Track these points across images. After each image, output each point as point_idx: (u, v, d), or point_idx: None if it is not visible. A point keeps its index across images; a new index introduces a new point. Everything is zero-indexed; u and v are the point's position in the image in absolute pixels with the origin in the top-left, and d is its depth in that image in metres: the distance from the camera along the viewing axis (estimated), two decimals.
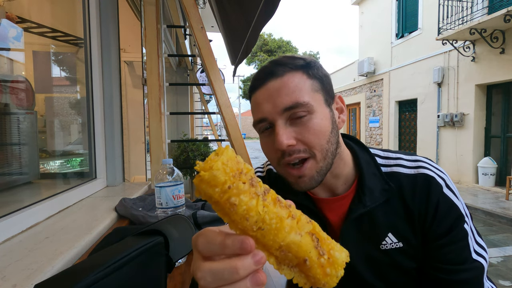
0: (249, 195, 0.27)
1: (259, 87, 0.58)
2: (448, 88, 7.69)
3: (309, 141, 0.55)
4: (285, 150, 0.55)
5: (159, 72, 1.88)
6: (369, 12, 11.18)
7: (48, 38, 1.55)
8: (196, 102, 7.58)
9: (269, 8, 1.33)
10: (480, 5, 6.58)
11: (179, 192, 0.86)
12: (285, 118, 0.55)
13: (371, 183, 0.61)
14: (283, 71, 0.56)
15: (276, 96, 0.55)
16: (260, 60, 22.31)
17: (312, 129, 0.55)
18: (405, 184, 0.60)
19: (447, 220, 0.57)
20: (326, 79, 0.60)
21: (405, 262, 0.60)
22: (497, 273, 3.16)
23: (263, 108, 0.57)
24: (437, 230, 0.58)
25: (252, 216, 0.27)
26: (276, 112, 0.55)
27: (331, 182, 0.63)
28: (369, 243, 0.61)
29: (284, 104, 0.54)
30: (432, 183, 0.59)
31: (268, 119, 0.56)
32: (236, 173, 0.27)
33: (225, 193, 0.26)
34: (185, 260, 0.86)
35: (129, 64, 3.92)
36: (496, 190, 6.40)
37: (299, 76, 0.56)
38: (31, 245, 0.82)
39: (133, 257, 0.47)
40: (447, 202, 0.58)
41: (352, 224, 0.61)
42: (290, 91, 0.55)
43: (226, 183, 0.26)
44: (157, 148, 1.87)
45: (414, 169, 0.61)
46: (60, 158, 1.71)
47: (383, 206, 0.60)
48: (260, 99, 0.57)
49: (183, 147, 3.53)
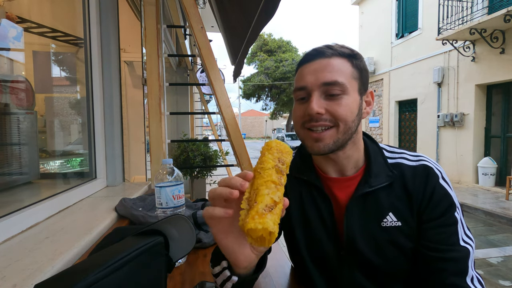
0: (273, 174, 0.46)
1: (308, 61, 0.66)
2: (448, 88, 7.69)
3: (338, 113, 0.63)
4: (313, 116, 0.63)
5: (159, 72, 1.88)
6: (369, 12, 11.18)
7: (48, 38, 1.55)
8: (196, 102, 7.58)
9: (269, 8, 1.33)
10: (480, 5, 6.58)
11: (179, 192, 0.86)
12: (322, 91, 0.64)
13: (377, 169, 0.69)
14: (332, 53, 0.65)
15: (320, 71, 0.64)
16: (260, 60, 22.28)
17: (343, 105, 0.63)
18: (407, 172, 0.68)
19: (440, 205, 0.65)
20: (365, 72, 0.68)
21: (401, 240, 0.66)
22: (497, 273, 3.16)
23: (306, 79, 0.65)
24: (431, 213, 0.65)
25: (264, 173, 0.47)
26: (316, 85, 0.63)
27: (343, 162, 0.71)
28: (371, 220, 0.68)
29: (325, 79, 0.63)
30: (430, 172, 0.67)
31: (307, 88, 0.65)
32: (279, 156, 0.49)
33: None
34: (185, 260, 0.86)
35: (129, 64, 3.92)
36: (496, 190, 6.40)
37: (344, 61, 0.65)
38: (31, 245, 0.82)
39: (133, 257, 0.47)
40: (441, 190, 0.66)
41: (357, 201, 0.68)
42: (333, 71, 0.63)
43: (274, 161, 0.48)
44: (157, 148, 1.87)
45: (416, 162, 0.70)
46: (60, 158, 1.71)
47: (386, 189, 0.68)
48: (306, 71, 0.66)
49: (183, 147, 3.53)
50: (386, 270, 0.68)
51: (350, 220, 0.68)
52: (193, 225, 0.61)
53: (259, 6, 1.36)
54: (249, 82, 23.36)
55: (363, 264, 0.68)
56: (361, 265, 0.69)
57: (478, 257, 3.53)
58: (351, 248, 0.68)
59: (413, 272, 0.68)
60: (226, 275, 0.55)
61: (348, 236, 0.68)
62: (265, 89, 23.27)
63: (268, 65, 21.58)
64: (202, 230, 1.01)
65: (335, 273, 0.71)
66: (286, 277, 0.80)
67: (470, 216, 5.25)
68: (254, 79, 22.78)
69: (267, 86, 22.75)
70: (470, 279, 0.61)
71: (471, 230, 4.49)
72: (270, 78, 21.87)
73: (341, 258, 0.69)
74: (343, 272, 0.70)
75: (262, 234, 0.41)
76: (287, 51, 22.65)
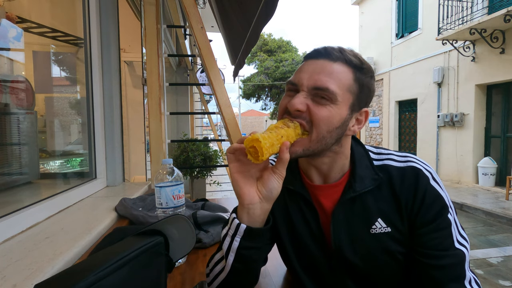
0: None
1: (312, 58, 0.64)
2: (448, 88, 7.68)
3: (316, 117, 0.60)
4: (292, 112, 0.61)
5: (159, 72, 1.88)
6: (369, 12, 11.18)
7: (48, 38, 1.55)
8: (196, 102, 7.58)
9: (269, 8, 1.33)
10: (480, 5, 6.57)
11: (179, 192, 0.86)
12: (310, 92, 0.61)
13: (362, 173, 0.66)
14: (338, 58, 0.62)
15: (316, 73, 0.61)
16: (260, 60, 22.26)
17: (324, 111, 0.60)
18: (394, 174, 0.65)
19: (432, 209, 0.62)
20: (367, 90, 0.65)
21: (392, 246, 0.64)
22: (497, 273, 3.16)
23: (301, 75, 0.63)
24: (423, 217, 0.62)
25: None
26: (306, 85, 0.61)
27: (325, 169, 0.68)
28: (360, 226, 0.65)
29: (316, 84, 0.60)
30: (419, 174, 0.64)
31: (297, 85, 0.62)
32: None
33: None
34: (185, 260, 0.86)
35: (129, 64, 3.92)
36: (496, 190, 6.40)
37: (347, 71, 0.61)
38: (31, 245, 0.82)
39: (133, 257, 0.47)
40: (433, 193, 0.62)
41: (343, 208, 0.66)
42: (330, 77, 0.60)
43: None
44: (157, 148, 1.87)
45: (404, 163, 0.66)
46: (60, 158, 1.71)
47: (373, 193, 0.65)
48: (305, 68, 0.64)
49: (183, 147, 3.53)
50: (378, 277, 0.66)
51: (337, 228, 0.66)
52: (193, 225, 0.61)
53: (259, 6, 1.36)
54: (249, 82, 23.35)
55: (354, 272, 0.67)
56: (352, 273, 0.67)
57: (478, 257, 3.53)
58: (340, 257, 0.66)
59: (405, 277, 0.67)
60: (235, 223, 0.60)
61: (336, 244, 0.66)
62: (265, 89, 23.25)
63: (268, 65, 21.57)
64: (202, 230, 1.01)
65: (327, 282, 0.70)
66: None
67: (470, 216, 5.25)
68: (254, 79, 22.77)
69: (267, 86, 22.75)
70: (468, 282, 0.60)
71: (471, 230, 4.47)
72: (270, 78, 21.86)
73: (332, 266, 0.68)
74: (335, 281, 0.69)
75: (254, 144, 0.52)
76: (287, 51, 22.63)
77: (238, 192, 0.60)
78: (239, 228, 0.59)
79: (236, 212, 0.62)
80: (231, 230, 0.61)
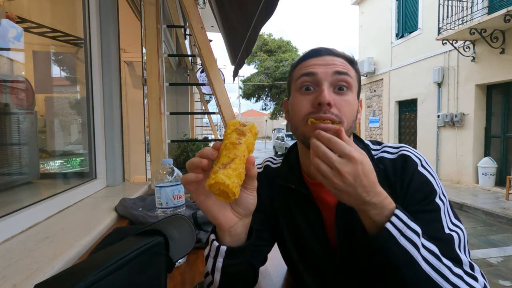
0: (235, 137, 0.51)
1: (316, 56, 0.64)
2: (448, 88, 7.68)
3: (344, 110, 0.61)
4: (324, 106, 0.59)
5: (159, 72, 1.88)
6: (369, 12, 11.18)
7: (48, 38, 1.55)
8: (196, 102, 7.58)
9: (269, 8, 1.33)
10: (480, 5, 6.58)
11: (179, 192, 0.86)
12: (331, 83, 0.61)
13: None
14: (338, 54, 0.65)
15: (331, 63, 0.62)
16: (260, 60, 22.29)
17: (349, 102, 0.62)
18: (388, 165, 0.67)
19: (420, 192, 0.62)
20: (360, 84, 0.69)
21: None
22: (497, 273, 3.16)
23: (316, 68, 0.62)
24: (410, 200, 0.63)
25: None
26: (328, 74, 0.61)
27: None
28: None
29: (337, 68, 0.61)
30: (408, 160, 0.65)
31: (316, 76, 0.62)
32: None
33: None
34: (185, 260, 0.86)
35: (129, 64, 3.92)
36: (496, 190, 6.40)
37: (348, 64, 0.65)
38: (31, 245, 0.82)
39: (133, 257, 0.47)
40: (420, 178, 0.63)
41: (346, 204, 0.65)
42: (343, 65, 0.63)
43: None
44: (157, 148, 1.87)
45: (395, 154, 0.68)
46: (60, 158, 1.71)
47: None
48: (313, 63, 0.63)
49: (183, 147, 3.53)
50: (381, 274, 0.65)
51: (341, 225, 0.66)
52: (193, 225, 0.61)
53: (259, 6, 1.36)
54: (249, 82, 23.36)
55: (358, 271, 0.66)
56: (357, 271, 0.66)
57: (478, 257, 3.53)
58: (344, 255, 0.66)
59: None
60: (215, 246, 0.57)
61: (339, 240, 0.66)
62: (265, 89, 23.27)
63: (268, 65, 21.59)
64: (202, 230, 1.01)
65: (331, 282, 0.69)
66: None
67: (470, 216, 5.25)
68: (254, 79, 22.78)
69: (267, 86, 22.76)
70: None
71: (471, 230, 4.44)
72: (270, 78, 21.87)
73: (335, 266, 0.68)
74: (339, 281, 0.68)
75: (220, 187, 0.46)
76: (287, 51, 22.65)
77: (214, 221, 0.55)
78: (220, 250, 0.57)
79: (216, 233, 0.59)
80: (212, 252, 0.58)
